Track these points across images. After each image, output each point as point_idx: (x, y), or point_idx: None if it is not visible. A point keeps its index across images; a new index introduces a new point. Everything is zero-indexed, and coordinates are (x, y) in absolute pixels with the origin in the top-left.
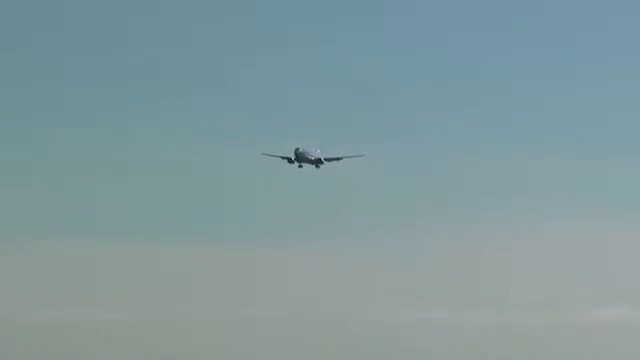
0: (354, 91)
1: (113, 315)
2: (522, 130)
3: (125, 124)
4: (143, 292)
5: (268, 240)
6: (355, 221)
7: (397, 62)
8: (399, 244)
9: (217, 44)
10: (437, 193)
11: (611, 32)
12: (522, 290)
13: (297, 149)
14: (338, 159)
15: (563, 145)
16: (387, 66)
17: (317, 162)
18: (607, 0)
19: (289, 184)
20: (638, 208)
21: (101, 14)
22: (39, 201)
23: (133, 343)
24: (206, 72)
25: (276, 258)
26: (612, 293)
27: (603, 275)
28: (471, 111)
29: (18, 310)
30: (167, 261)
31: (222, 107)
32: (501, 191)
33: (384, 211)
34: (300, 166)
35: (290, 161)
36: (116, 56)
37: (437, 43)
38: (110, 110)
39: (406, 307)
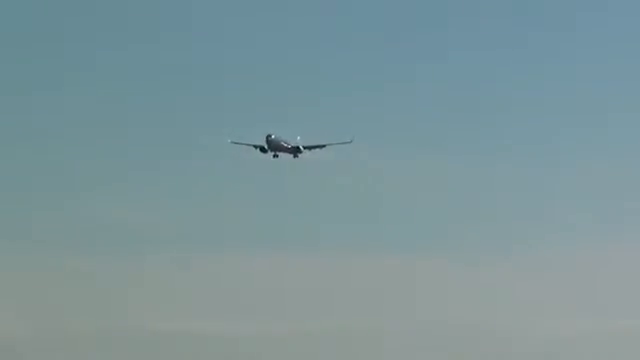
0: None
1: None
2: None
3: None
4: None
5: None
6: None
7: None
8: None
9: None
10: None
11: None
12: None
13: (269, 136)
14: (321, 147)
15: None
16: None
17: (295, 151)
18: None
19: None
20: None
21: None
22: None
23: None
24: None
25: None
26: None
27: None
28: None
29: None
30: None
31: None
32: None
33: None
34: (275, 155)
35: (263, 150)
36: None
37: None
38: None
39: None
